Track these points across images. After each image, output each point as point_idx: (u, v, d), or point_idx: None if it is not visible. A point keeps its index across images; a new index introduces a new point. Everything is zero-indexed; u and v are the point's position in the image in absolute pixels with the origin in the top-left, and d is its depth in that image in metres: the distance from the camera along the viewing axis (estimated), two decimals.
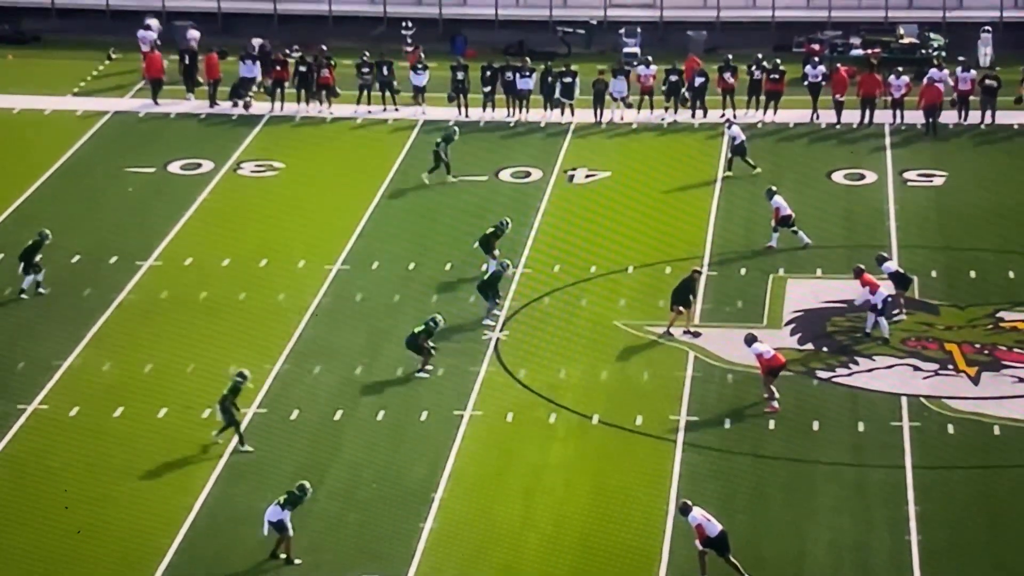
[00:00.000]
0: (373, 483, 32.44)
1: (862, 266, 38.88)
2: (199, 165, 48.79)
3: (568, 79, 52.34)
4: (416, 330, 36.83)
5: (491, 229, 41.34)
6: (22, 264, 40.24)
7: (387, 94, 52.85)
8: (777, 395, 35.08)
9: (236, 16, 59.52)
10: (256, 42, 54.75)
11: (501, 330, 38.55)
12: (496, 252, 40.77)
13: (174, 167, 48.60)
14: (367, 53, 53.70)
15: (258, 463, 32.75)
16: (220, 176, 48.11)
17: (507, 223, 41.77)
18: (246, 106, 53.00)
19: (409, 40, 56.80)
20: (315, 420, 34.68)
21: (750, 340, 35.85)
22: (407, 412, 35.11)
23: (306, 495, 30.41)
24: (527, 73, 52.57)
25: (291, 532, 30.01)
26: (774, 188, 43.13)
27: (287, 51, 54.44)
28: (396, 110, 52.75)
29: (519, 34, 58.31)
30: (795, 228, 42.38)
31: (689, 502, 29.79)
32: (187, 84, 54.03)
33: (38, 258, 40.32)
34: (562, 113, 52.37)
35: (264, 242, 43.37)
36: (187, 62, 54.00)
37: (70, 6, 59.70)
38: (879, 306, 37.97)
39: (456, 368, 36.83)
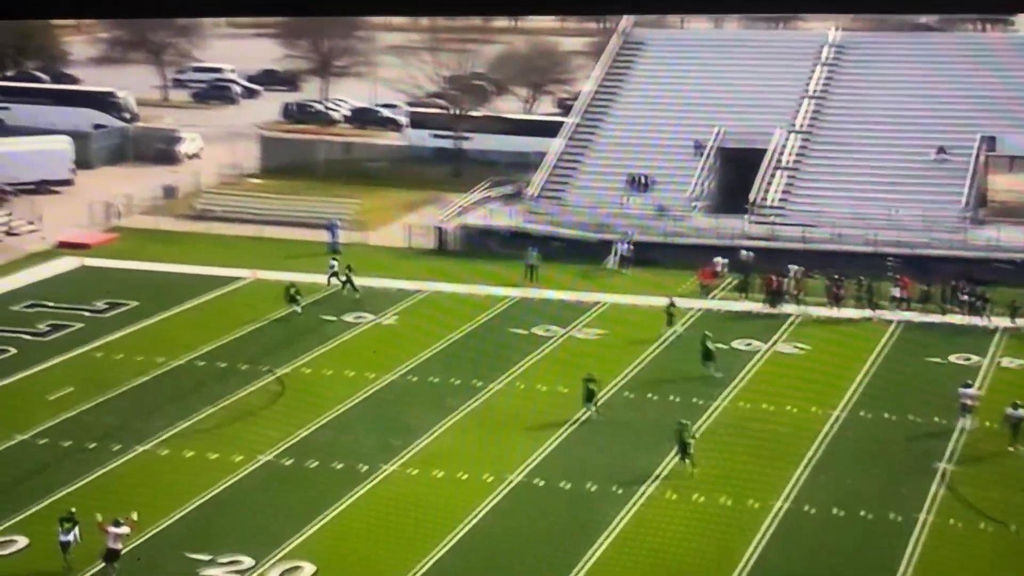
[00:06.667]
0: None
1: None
2: (751, 343, 51.98)
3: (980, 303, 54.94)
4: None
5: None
6: None
7: (868, 302, 56.31)
8: None
9: (773, 251, 62.44)
10: (791, 267, 59.03)
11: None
12: None
13: (737, 343, 52.23)
14: (863, 277, 57.10)
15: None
16: (765, 352, 51.29)
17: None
18: (773, 305, 57.39)
19: (891, 267, 59.69)
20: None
21: None
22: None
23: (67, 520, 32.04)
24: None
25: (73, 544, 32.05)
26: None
27: (792, 272, 58.11)
28: (873, 312, 56.25)
29: (961, 267, 59.63)
30: None
31: None
32: (742, 290, 58.98)
33: None
34: (987, 319, 54.69)
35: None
36: (744, 277, 59.38)
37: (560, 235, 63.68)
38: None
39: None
